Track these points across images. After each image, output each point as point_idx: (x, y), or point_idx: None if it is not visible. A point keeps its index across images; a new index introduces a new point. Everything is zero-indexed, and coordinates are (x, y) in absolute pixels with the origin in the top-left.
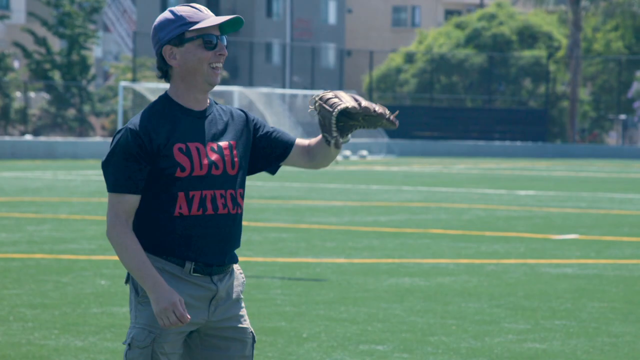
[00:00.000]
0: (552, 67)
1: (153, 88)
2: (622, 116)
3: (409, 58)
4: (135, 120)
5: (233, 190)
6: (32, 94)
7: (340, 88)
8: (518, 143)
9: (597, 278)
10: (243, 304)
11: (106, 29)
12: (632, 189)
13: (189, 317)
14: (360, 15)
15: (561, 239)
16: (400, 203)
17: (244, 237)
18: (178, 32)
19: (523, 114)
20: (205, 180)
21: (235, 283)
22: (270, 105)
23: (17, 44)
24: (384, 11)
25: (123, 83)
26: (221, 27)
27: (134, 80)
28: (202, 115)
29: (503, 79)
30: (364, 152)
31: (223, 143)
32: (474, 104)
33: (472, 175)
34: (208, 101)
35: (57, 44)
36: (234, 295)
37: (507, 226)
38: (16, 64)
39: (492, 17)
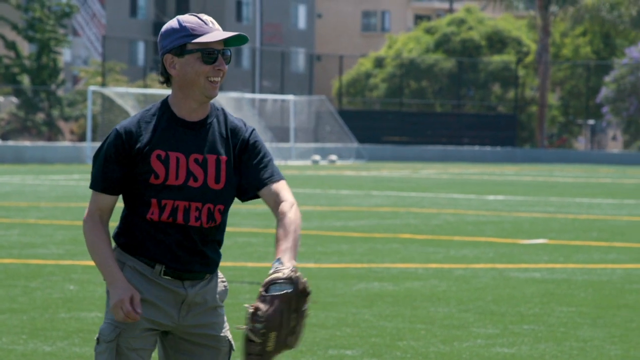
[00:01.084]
0: (521, 72)
1: (122, 92)
2: (591, 121)
3: (379, 63)
4: (124, 123)
5: (212, 205)
6: (0, 99)
7: (310, 93)
8: (487, 148)
9: (565, 283)
10: (223, 312)
11: (75, 33)
12: (600, 194)
13: (137, 315)
14: (330, 20)
15: (530, 243)
16: (369, 208)
17: None
18: (180, 42)
19: (492, 119)
20: (181, 190)
21: (216, 291)
22: (239, 109)
23: None
24: (353, 16)
25: (92, 87)
26: (226, 41)
27: (103, 84)
28: (195, 126)
29: (472, 84)
30: (334, 157)
31: (210, 156)
32: (443, 109)
33: (441, 180)
34: (207, 112)
35: (26, 48)
36: (211, 303)
37: (476, 231)
38: None
39: (461, 22)
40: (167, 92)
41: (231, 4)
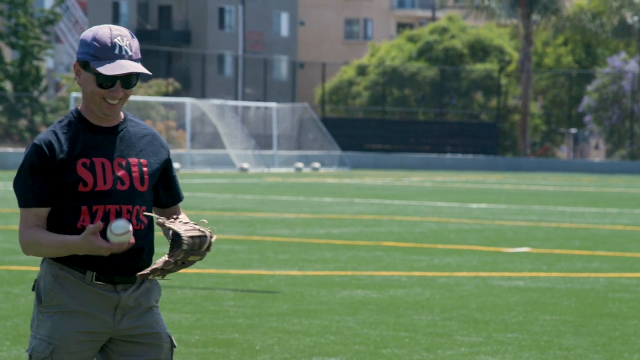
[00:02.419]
0: (503, 81)
1: None
2: (573, 130)
3: (362, 71)
4: (42, 136)
5: (139, 207)
6: None
7: (293, 100)
8: (470, 156)
9: (549, 291)
10: (159, 312)
11: (58, 39)
12: (582, 203)
13: (100, 225)
14: (313, 27)
15: (513, 252)
16: (352, 216)
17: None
18: (84, 58)
19: (475, 128)
20: (111, 195)
21: (148, 293)
22: (222, 117)
23: None
24: (336, 24)
25: (75, 94)
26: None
27: None
28: (112, 131)
29: (455, 92)
30: (317, 165)
31: (133, 160)
32: (426, 117)
33: (425, 189)
34: (121, 117)
35: (9, 55)
36: (146, 305)
37: (460, 239)
38: None
39: (444, 30)
40: (149, 98)
41: (214, 12)
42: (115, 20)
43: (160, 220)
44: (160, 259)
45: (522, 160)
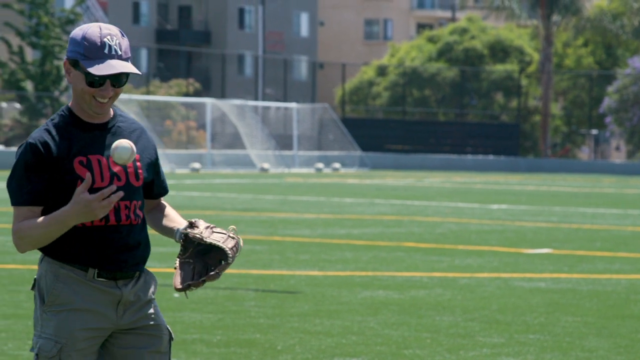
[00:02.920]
0: (524, 82)
1: (125, 99)
2: (594, 131)
3: (381, 71)
4: (35, 134)
5: (136, 202)
6: (3, 104)
7: (313, 100)
8: (490, 157)
9: (570, 292)
10: (156, 304)
11: None
12: (603, 204)
13: (88, 180)
14: (332, 28)
15: (534, 253)
16: (373, 216)
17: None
18: (74, 56)
19: (495, 128)
20: None
21: (146, 287)
22: (242, 117)
23: None
24: (356, 24)
25: None
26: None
27: None
28: (104, 127)
29: (475, 93)
30: (337, 165)
31: None
32: (447, 117)
33: (445, 189)
34: (111, 113)
35: (29, 54)
36: (145, 298)
37: (480, 240)
38: None
39: (463, 31)
40: (169, 98)
41: (234, 12)
42: (135, 20)
43: (197, 236)
44: (180, 269)
45: (542, 161)
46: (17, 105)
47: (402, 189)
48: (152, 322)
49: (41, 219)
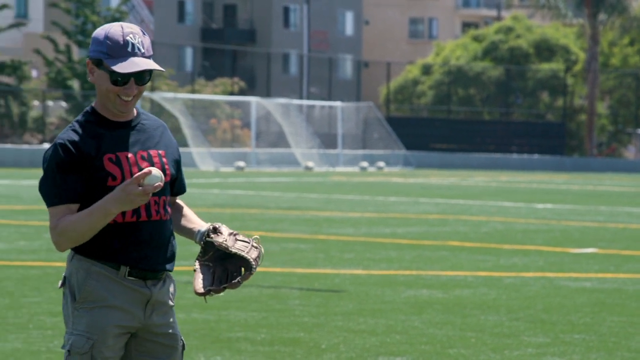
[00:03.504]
0: (569, 81)
1: (170, 98)
2: None
3: (426, 70)
4: (63, 135)
5: (165, 197)
6: (50, 103)
7: (358, 99)
8: (536, 156)
9: (616, 292)
10: (174, 311)
11: None
12: None
13: (140, 177)
14: (377, 26)
15: (580, 252)
16: (417, 215)
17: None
18: (97, 56)
19: (541, 127)
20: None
21: (170, 290)
22: (287, 116)
23: (38, 52)
24: (400, 23)
25: None
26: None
27: (151, 89)
28: (129, 125)
29: (520, 91)
30: (381, 164)
31: (153, 151)
32: (492, 116)
33: (490, 188)
34: (134, 112)
35: (76, 53)
36: (169, 303)
37: (525, 239)
38: (34, 73)
39: (509, 30)
40: (214, 97)
41: (279, 11)
42: (181, 19)
43: (223, 245)
44: (201, 273)
45: (588, 160)
46: (63, 104)
47: (447, 188)
48: (170, 331)
49: (82, 212)
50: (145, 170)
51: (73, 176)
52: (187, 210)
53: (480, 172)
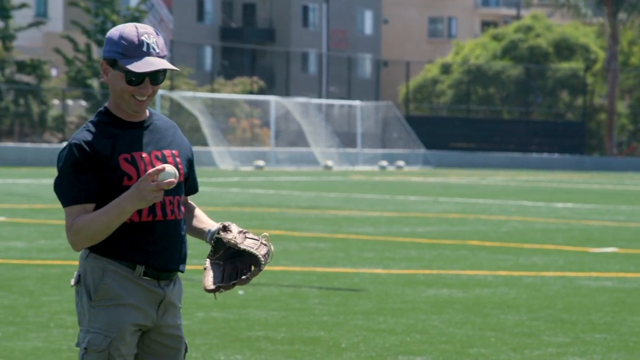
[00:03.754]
0: (589, 80)
1: (190, 97)
2: None
3: (446, 69)
4: (77, 135)
5: (179, 197)
6: (70, 102)
7: (377, 98)
8: (555, 155)
9: (637, 292)
10: (181, 312)
11: None
12: None
13: (156, 173)
14: (396, 25)
15: (600, 252)
16: (437, 214)
17: (281, 246)
18: (112, 56)
19: (560, 126)
20: None
21: (179, 292)
22: (306, 115)
23: (58, 51)
24: (420, 22)
25: (160, 91)
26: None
27: (171, 88)
28: (142, 125)
29: (540, 90)
30: (401, 163)
31: (167, 151)
32: (511, 115)
33: (509, 187)
34: (147, 113)
35: (95, 52)
36: (178, 305)
37: (545, 238)
38: (54, 72)
39: (528, 29)
40: (234, 96)
41: (298, 10)
42: (200, 18)
43: (232, 241)
44: (211, 271)
45: (608, 159)
46: (83, 103)
47: (466, 187)
48: (177, 333)
49: (97, 210)
50: (159, 166)
51: (88, 176)
52: (198, 211)
53: (500, 171)
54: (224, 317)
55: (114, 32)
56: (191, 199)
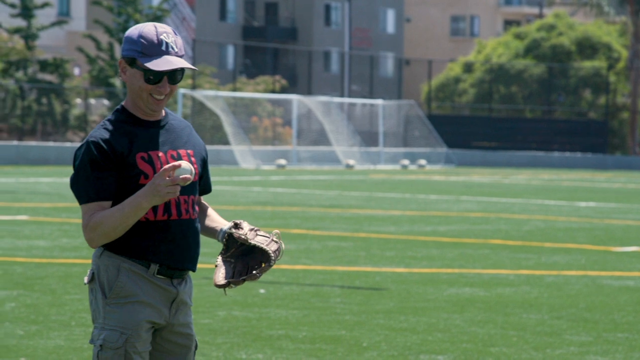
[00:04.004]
0: (612, 78)
1: (212, 96)
2: None
3: (468, 68)
4: (94, 133)
5: (193, 196)
6: (92, 101)
7: (399, 97)
8: (578, 154)
9: None
10: (192, 310)
11: None
12: None
13: (173, 168)
14: (418, 24)
15: (622, 251)
16: (459, 213)
17: (303, 245)
18: (130, 54)
19: (583, 125)
20: None
21: (190, 291)
22: (328, 113)
23: (81, 50)
24: (442, 21)
25: (182, 90)
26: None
27: (193, 87)
28: (158, 124)
29: (562, 89)
30: (423, 162)
31: (182, 151)
32: (533, 114)
33: (532, 186)
34: (163, 112)
35: (118, 51)
36: (189, 303)
37: (567, 237)
38: (76, 71)
39: (551, 27)
40: (256, 95)
41: (320, 9)
42: (222, 17)
43: (242, 237)
44: (222, 267)
45: (631, 158)
46: (106, 102)
47: (488, 186)
48: (188, 331)
49: (113, 207)
50: (175, 163)
51: (105, 174)
52: (210, 211)
53: (522, 170)
54: (245, 315)
55: (132, 31)
56: (206, 199)
